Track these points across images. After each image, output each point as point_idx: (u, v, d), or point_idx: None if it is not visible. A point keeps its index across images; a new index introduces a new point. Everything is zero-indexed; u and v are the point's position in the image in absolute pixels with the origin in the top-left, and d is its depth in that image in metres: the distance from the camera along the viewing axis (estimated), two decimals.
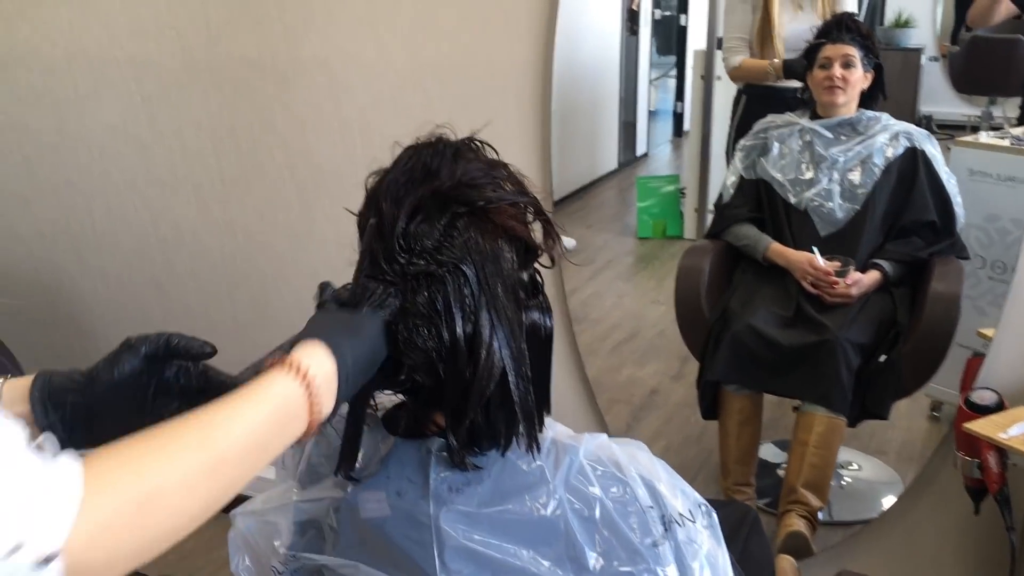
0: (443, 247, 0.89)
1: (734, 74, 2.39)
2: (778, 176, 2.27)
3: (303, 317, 0.85)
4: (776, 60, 2.29)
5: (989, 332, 1.83)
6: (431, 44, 2.04)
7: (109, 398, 0.85)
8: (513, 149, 2.07)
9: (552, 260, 0.98)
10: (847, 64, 2.15)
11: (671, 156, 3.29)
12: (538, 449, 0.94)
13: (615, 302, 3.14)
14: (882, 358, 2.10)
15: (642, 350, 2.87)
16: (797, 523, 2.08)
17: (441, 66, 2.05)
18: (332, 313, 0.87)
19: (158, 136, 2.46)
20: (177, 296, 2.67)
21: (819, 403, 2.08)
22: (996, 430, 1.53)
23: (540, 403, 0.95)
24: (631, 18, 2.96)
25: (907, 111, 2.65)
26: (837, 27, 2.16)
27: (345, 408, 0.92)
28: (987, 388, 1.67)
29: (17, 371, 2.23)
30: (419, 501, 0.92)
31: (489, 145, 0.99)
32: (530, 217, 0.97)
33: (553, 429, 0.99)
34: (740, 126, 2.42)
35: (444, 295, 0.88)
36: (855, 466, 2.35)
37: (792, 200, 2.26)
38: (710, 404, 2.24)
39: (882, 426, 2.27)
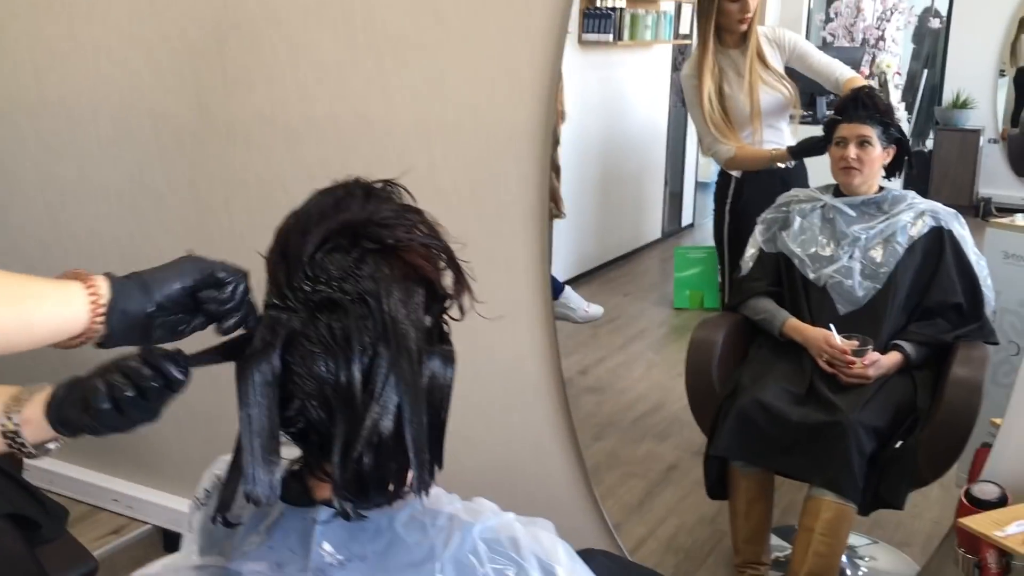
0: (349, 277, 0.87)
1: (730, 165, 2.38)
2: (797, 251, 2.21)
3: None
4: (779, 148, 2.30)
5: (1000, 420, 1.71)
6: (437, 104, 2.03)
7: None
8: (515, 211, 2.04)
9: (462, 310, 0.94)
10: (862, 143, 2.10)
11: None
12: (427, 494, 0.91)
13: (643, 373, 3.07)
14: (898, 444, 2.00)
15: (665, 423, 2.80)
16: None
17: (446, 127, 2.04)
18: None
19: (173, 188, 2.49)
20: None
21: (827, 487, 1.97)
22: (993, 527, 1.42)
23: (433, 453, 0.91)
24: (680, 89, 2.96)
25: (965, 193, 2.58)
26: (853, 104, 2.12)
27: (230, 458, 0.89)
28: (991, 481, 1.56)
29: None
30: (299, 574, 0.88)
31: (406, 189, 0.97)
32: (442, 265, 0.94)
33: (453, 505, 0.94)
34: (734, 208, 2.43)
35: (344, 325, 0.86)
36: (871, 557, 2.23)
37: (811, 276, 2.19)
38: (715, 482, 2.14)
39: (909, 516, 2.16)
